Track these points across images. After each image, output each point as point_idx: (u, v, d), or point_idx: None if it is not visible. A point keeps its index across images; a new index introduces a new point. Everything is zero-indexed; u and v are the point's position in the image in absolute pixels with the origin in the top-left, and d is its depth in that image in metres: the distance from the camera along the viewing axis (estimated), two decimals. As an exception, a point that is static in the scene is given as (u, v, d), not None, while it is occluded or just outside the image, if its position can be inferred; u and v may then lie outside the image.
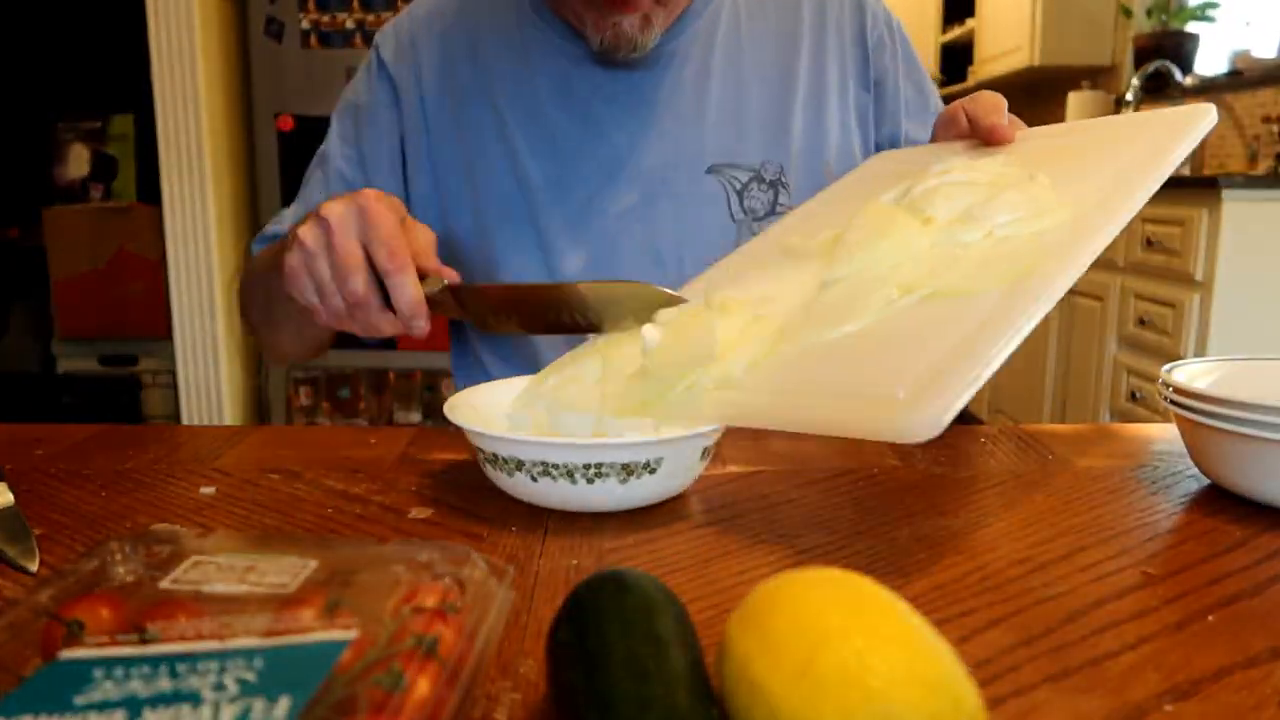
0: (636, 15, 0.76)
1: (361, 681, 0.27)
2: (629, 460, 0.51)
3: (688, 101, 0.85)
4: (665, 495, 0.56)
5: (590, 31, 0.78)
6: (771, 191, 0.86)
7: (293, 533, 0.52)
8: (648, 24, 0.77)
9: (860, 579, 0.31)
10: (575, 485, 0.52)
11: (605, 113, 0.84)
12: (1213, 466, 0.57)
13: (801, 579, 0.31)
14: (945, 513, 0.55)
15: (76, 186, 2.96)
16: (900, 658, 0.27)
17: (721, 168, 0.85)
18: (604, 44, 0.78)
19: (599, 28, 0.77)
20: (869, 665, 0.27)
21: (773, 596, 0.31)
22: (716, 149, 0.85)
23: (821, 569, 0.32)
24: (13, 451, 0.67)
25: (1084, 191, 0.57)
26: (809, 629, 0.28)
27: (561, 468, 0.51)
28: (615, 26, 0.76)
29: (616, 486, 0.52)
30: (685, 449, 0.53)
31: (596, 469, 0.51)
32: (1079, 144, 0.66)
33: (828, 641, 0.28)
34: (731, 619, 0.31)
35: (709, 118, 0.85)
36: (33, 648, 0.31)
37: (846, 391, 0.48)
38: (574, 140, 0.84)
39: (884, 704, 0.26)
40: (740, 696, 0.29)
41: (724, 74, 0.86)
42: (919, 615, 0.29)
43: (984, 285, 0.51)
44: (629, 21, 0.76)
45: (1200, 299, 2.14)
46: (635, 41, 0.77)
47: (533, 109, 0.85)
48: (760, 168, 0.86)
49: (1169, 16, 3.13)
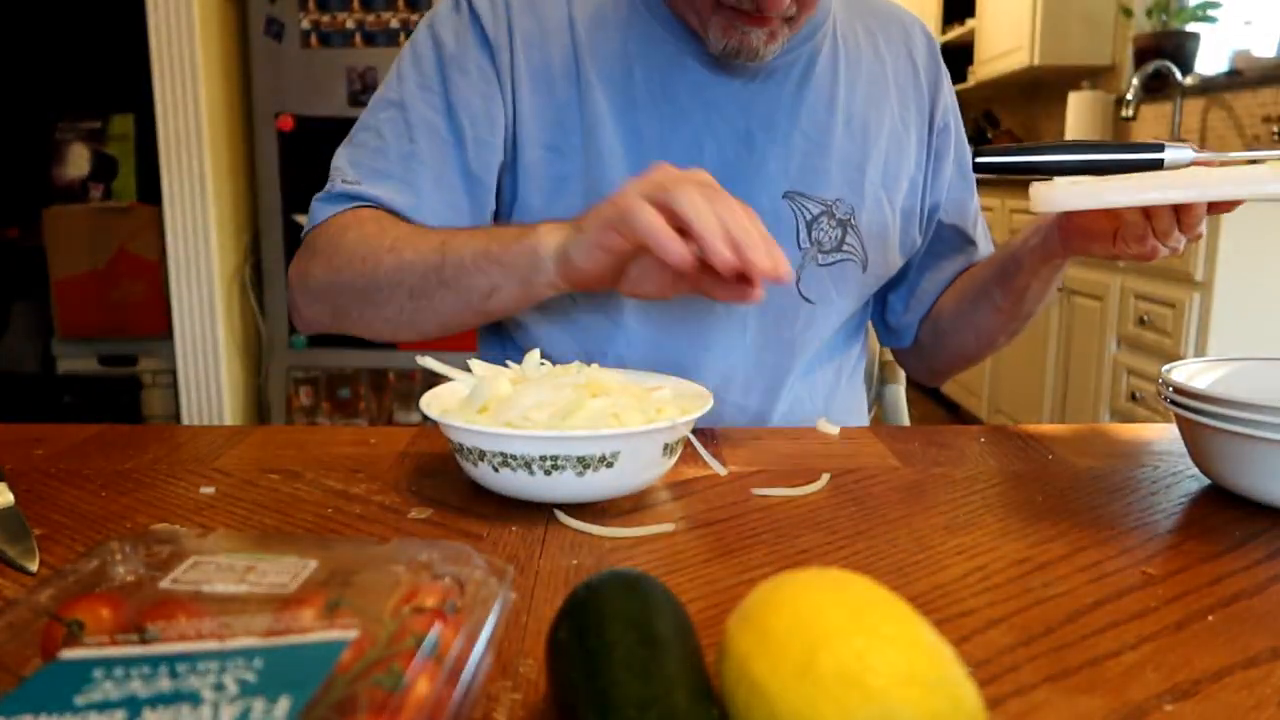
0: (765, 30, 0.76)
1: (361, 681, 0.27)
2: (584, 454, 0.52)
3: (779, 122, 0.84)
4: (625, 490, 0.56)
5: (714, 35, 0.76)
6: (840, 230, 0.86)
7: (293, 533, 0.52)
8: (773, 38, 0.77)
9: (860, 579, 0.31)
10: (533, 476, 0.52)
11: (700, 117, 0.82)
12: (1213, 466, 0.57)
13: (801, 579, 0.31)
14: (945, 513, 0.55)
15: (76, 186, 2.96)
16: (900, 658, 0.27)
17: (796, 195, 0.84)
18: (726, 49, 0.77)
19: (725, 34, 0.76)
20: (869, 665, 0.27)
21: (773, 596, 0.31)
22: (796, 176, 0.84)
23: (821, 569, 0.32)
24: (13, 451, 0.66)
25: None
26: (809, 629, 0.28)
27: (519, 459, 0.52)
28: (744, 37, 0.75)
29: (574, 479, 0.52)
30: (643, 444, 0.53)
31: (553, 461, 0.52)
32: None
33: (828, 641, 0.28)
34: (731, 619, 0.31)
35: (795, 143, 0.84)
36: (33, 648, 0.31)
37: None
38: (661, 141, 0.82)
39: (883, 704, 0.26)
40: (740, 696, 0.29)
41: (815, 103, 0.85)
42: (919, 615, 0.29)
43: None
44: (757, 34, 0.76)
45: (1200, 299, 2.14)
46: (758, 52, 0.77)
47: (626, 101, 0.82)
48: (833, 204, 0.85)
49: (1169, 16, 3.12)
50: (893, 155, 0.89)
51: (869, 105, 0.88)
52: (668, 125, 0.82)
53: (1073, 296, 2.65)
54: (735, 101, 0.83)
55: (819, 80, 0.86)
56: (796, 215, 0.85)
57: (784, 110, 0.84)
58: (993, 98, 4.63)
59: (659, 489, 0.60)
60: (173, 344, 2.64)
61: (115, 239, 2.76)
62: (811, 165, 0.85)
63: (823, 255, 0.86)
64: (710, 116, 0.83)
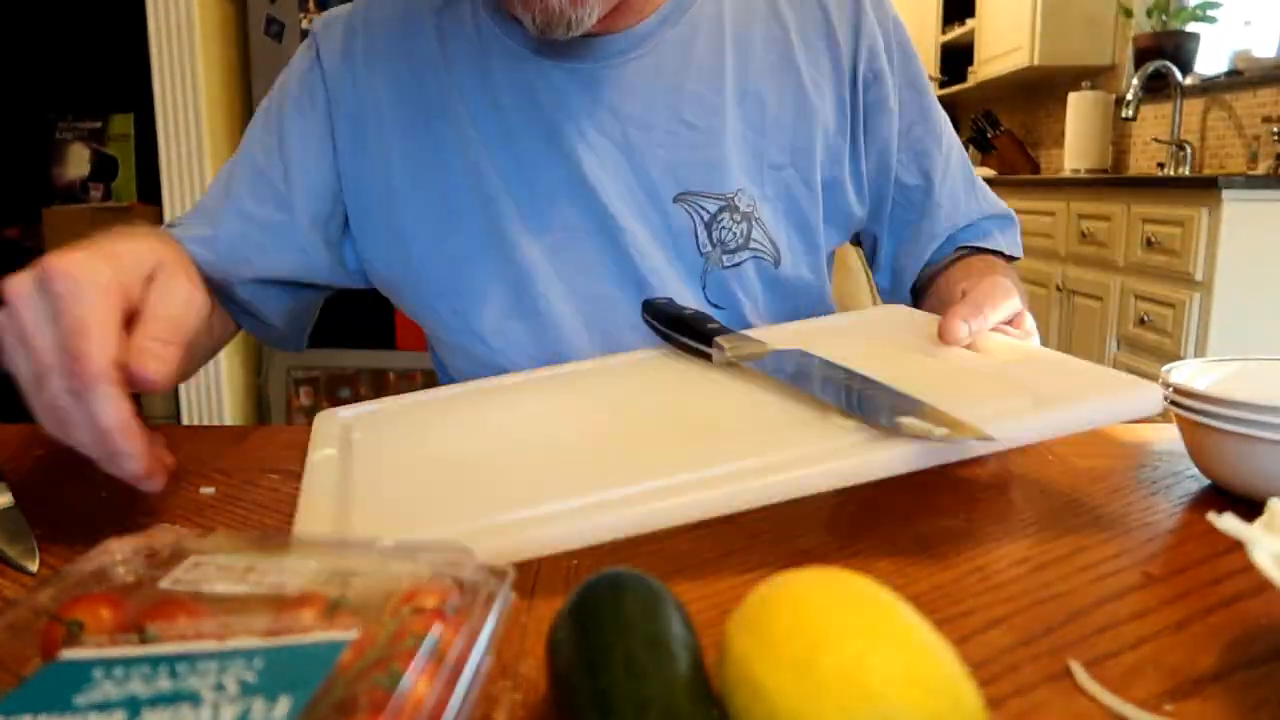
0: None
1: (361, 681, 0.27)
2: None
3: (656, 119, 0.77)
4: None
5: (520, 11, 0.69)
6: (745, 225, 0.79)
7: (292, 533, 0.52)
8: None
9: (860, 579, 0.31)
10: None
11: (572, 129, 0.77)
12: (1213, 466, 0.57)
13: (801, 579, 0.31)
14: (945, 513, 0.55)
15: (76, 186, 2.96)
16: (900, 659, 0.27)
17: (689, 196, 0.78)
18: (537, 24, 0.69)
19: (527, 5, 0.68)
20: (869, 666, 0.27)
21: (773, 596, 0.31)
22: (686, 175, 0.77)
23: (821, 569, 0.32)
24: (13, 451, 0.66)
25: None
26: (809, 629, 0.28)
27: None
28: (542, 3, 0.67)
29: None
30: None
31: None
32: (1014, 377, 0.57)
33: (828, 641, 0.28)
34: (731, 619, 0.31)
35: (681, 138, 0.77)
36: (33, 648, 0.31)
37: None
38: (537, 165, 0.77)
39: (884, 705, 0.26)
40: (740, 697, 0.29)
41: (698, 87, 0.78)
42: (919, 615, 0.29)
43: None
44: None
45: (1200, 299, 2.14)
46: (569, 19, 0.68)
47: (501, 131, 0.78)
48: (734, 197, 0.78)
49: (1169, 16, 3.12)
50: (801, 126, 0.80)
51: (765, 75, 0.79)
52: (542, 146, 0.78)
53: (1073, 296, 2.65)
54: (604, 106, 0.77)
55: (700, 60, 0.78)
56: (693, 217, 0.78)
57: (661, 103, 0.77)
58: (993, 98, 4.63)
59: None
60: (173, 344, 2.63)
61: (115, 239, 2.76)
62: (702, 159, 0.77)
63: (727, 256, 0.79)
64: (582, 126, 0.77)
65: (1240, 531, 0.37)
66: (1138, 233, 2.43)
